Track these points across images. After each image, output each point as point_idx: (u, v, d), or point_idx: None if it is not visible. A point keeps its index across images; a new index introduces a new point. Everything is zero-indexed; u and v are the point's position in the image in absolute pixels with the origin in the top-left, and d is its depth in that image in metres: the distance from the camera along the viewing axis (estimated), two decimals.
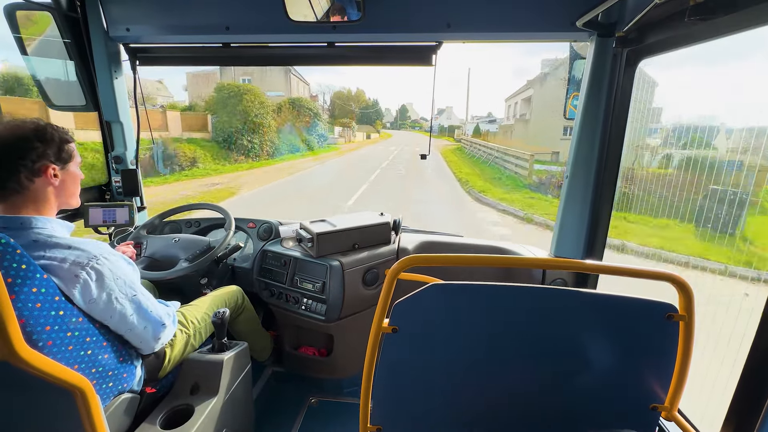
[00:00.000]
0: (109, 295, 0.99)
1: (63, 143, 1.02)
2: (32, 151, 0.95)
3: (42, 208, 0.99)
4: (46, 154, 0.98)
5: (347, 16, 1.54)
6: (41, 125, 0.99)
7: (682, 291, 0.79)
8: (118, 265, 1.03)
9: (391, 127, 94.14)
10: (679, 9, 1.11)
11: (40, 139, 0.97)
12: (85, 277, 0.94)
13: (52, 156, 0.99)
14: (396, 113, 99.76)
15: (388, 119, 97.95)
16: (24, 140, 0.95)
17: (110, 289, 0.99)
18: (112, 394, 1.07)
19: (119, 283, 1.02)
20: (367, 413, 0.91)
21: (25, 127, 0.96)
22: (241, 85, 18.24)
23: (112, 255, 1.01)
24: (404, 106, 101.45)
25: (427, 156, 1.92)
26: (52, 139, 0.99)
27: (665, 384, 0.86)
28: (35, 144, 0.96)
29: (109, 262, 1.00)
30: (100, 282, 0.97)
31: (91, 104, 1.91)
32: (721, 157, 2.88)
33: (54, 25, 1.72)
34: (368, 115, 59.15)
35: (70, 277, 0.93)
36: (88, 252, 0.96)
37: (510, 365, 0.89)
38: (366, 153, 26.84)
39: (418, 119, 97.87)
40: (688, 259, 3.23)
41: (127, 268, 1.06)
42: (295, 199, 10.16)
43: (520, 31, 1.56)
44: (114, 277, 1.00)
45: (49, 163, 0.99)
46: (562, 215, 1.69)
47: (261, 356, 1.92)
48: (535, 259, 1.42)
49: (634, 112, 1.51)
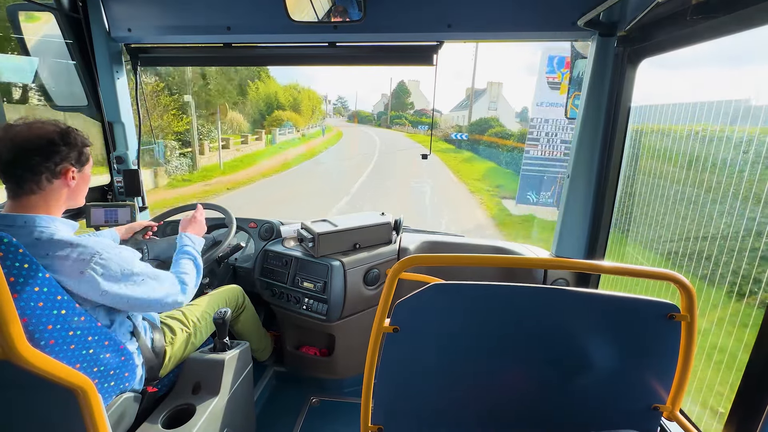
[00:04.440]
0: (118, 284, 1.01)
1: (83, 147, 1.04)
2: (57, 154, 0.96)
3: (51, 208, 1.00)
4: (69, 157, 0.99)
5: (348, 17, 1.55)
6: (64, 128, 1.00)
7: (684, 291, 0.79)
8: (122, 256, 1.04)
9: (368, 122, 62.12)
10: (680, 8, 1.11)
11: (66, 143, 0.98)
12: (90, 273, 0.95)
13: (73, 159, 1.01)
14: (387, 98, 60.52)
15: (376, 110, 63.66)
16: (50, 143, 0.96)
17: (117, 279, 1.01)
18: (113, 394, 1.07)
19: (126, 273, 1.03)
20: (368, 413, 0.91)
21: (48, 128, 0.97)
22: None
23: (113, 248, 1.02)
24: (402, 86, 58.84)
25: (428, 156, 1.91)
26: (75, 142, 1.01)
27: (667, 384, 0.86)
28: (61, 147, 0.97)
29: (112, 255, 1.01)
30: (107, 275, 0.99)
31: (93, 104, 1.92)
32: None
33: (56, 26, 1.73)
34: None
35: (75, 274, 0.94)
36: (91, 248, 0.97)
37: (511, 365, 0.89)
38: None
39: (426, 109, 56.26)
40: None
41: (129, 255, 1.07)
42: None
43: (521, 30, 1.55)
44: (120, 269, 1.02)
45: (70, 166, 1.00)
46: (564, 215, 1.69)
47: (262, 356, 1.92)
48: (537, 259, 1.41)
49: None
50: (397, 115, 54.12)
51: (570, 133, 9.12)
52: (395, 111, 56.74)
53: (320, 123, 35.35)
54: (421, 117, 51.37)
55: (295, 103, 27.55)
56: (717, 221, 2.33)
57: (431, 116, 2.89)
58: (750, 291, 2.10)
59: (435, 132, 32.17)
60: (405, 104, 59.60)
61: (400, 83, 60.10)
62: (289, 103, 26.59)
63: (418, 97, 61.27)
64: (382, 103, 65.52)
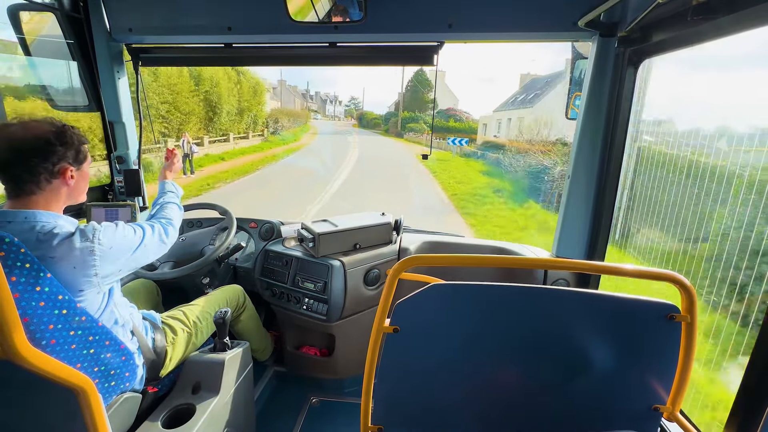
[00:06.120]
0: (127, 252, 1.07)
1: (80, 145, 1.04)
2: (54, 154, 0.96)
3: (52, 207, 1.00)
4: (66, 156, 0.99)
5: (349, 17, 1.55)
6: (60, 126, 0.99)
7: (684, 291, 0.79)
8: (113, 226, 1.06)
9: (374, 126, 46.16)
10: (681, 9, 1.11)
11: (62, 142, 0.98)
12: (98, 252, 0.98)
13: (71, 158, 1.01)
14: (403, 89, 42.29)
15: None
16: (46, 142, 0.95)
17: (122, 251, 1.05)
18: (114, 393, 1.08)
19: (128, 239, 1.08)
20: (368, 413, 0.91)
21: (43, 128, 0.96)
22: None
23: (104, 225, 1.05)
24: (422, 76, 41.75)
25: (428, 156, 1.91)
26: (72, 141, 1.00)
27: (667, 385, 0.86)
28: (57, 147, 0.96)
29: (106, 230, 1.03)
30: (113, 245, 1.02)
31: (93, 104, 1.92)
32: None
33: (57, 26, 1.73)
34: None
35: (85, 259, 0.95)
36: (86, 231, 0.98)
37: (511, 365, 0.89)
38: None
39: (455, 109, 38.04)
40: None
41: (122, 224, 1.10)
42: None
43: (522, 31, 1.55)
44: (122, 235, 1.06)
45: (68, 165, 1.00)
46: (564, 215, 1.69)
47: (262, 356, 1.92)
48: (537, 260, 1.41)
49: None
50: (411, 117, 37.60)
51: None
52: (409, 111, 39.73)
53: (273, 126, 25.61)
54: (448, 120, 33.92)
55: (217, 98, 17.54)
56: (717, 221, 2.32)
57: (461, 118, 2.81)
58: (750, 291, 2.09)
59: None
60: (424, 102, 41.94)
61: (418, 72, 41.71)
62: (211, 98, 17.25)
63: (444, 92, 43.91)
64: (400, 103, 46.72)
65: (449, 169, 17.00)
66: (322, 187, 11.69)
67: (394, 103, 52.32)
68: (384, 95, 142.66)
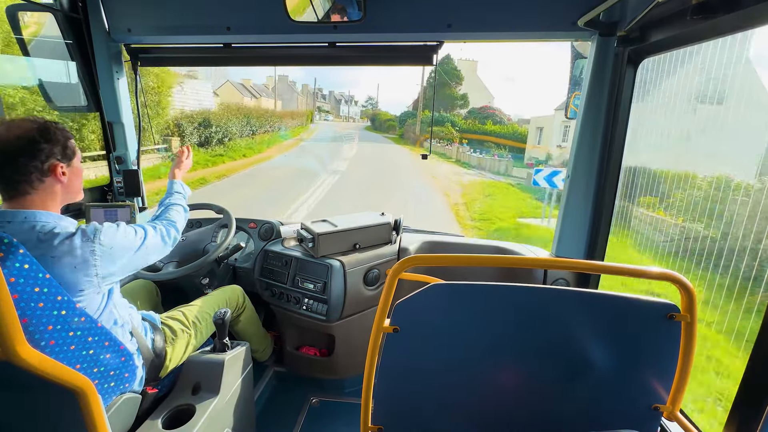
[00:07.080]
0: (128, 252, 1.07)
1: (66, 140, 1.03)
2: (41, 152, 0.96)
3: (49, 206, 1.00)
4: (54, 153, 0.99)
5: (348, 16, 1.54)
6: (42, 123, 0.98)
7: (684, 291, 0.79)
8: (115, 227, 1.07)
9: (386, 129, 36.64)
10: (680, 8, 1.11)
11: (47, 139, 0.97)
12: (99, 252, 0.98)
13: (59, 154, 1.00)
14: (424, 82, 29.94)
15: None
16: (31, 141, 0.95)
17: (124, 250, 1.06)
18: (113, 394, 1.07)
19: (129, 239, 1.09)
20: (368, 413, 0.91)
21: (25, 126, 0.96)
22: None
23: (106, 225, 1.06)
24: (449, 64, 31.91)
25: (427, 156, 1.91)
26: (57, 137, 1.00)
27: (667, 384, 0.86)
28: (42, 144, 0.96)
29: (107, 230, 1.03)
30: (117, 246, 1.04)
31: (92, 105, 1.92)
32: None
33: (56, 26, 1.73)
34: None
35: (86, 259, 0.96)
36: (87, 231, 0.99)
37: (511, 365, 0.89)
38: None
39: (491, 107, 28.05)
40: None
41: (123, 224, 1.11)
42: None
43: (521, 30, 1.55)
44: (123, 235, 1.07)
45: (57, 162, 0.99)
46: (564, 215, 1.69)
47: (262, 356, 1.92)
48: (537, 259, 1.41)
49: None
50: (437, 117, 26.91)
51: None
52: (443, 112, 29.07)
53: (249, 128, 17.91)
54: (485, 122, 25.75)
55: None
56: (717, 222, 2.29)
57: (501, 119, 2.74)
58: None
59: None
60: (453, 97, 32.05)
61: (445, 58, 31.68)
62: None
63: (474, 85, 33.03)
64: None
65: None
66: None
67: (413, 103, 41.51)
68: (403, 96, 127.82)
